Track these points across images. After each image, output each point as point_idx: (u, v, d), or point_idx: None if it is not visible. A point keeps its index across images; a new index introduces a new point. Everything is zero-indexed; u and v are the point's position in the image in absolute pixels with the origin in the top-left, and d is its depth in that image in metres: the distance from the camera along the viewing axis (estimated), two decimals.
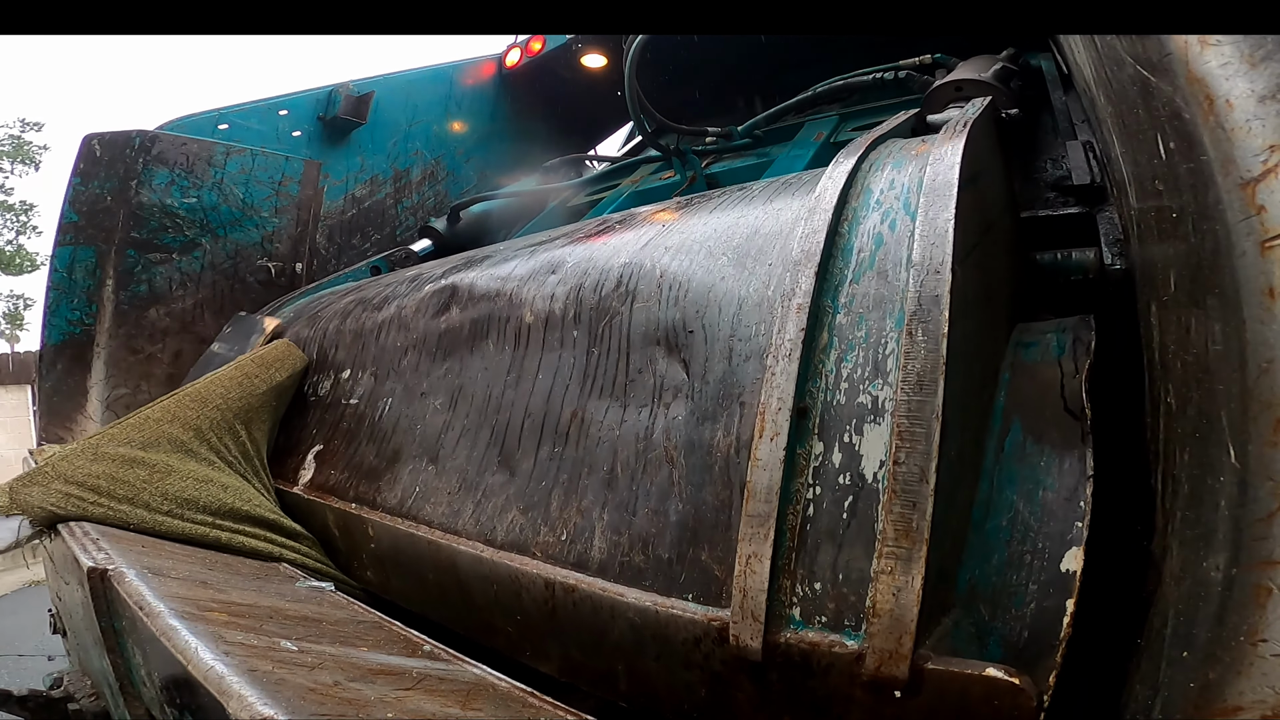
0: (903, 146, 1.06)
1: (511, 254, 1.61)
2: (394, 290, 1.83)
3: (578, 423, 1.10)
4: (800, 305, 0.80)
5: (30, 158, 17.86)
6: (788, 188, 1.20)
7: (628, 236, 1.30)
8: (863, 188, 0.97)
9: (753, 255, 1.02)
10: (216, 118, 2.57)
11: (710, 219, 1.19)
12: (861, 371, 0.76)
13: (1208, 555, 0.56)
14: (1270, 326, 0.51)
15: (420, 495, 1.32)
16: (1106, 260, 1.19)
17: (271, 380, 1.81)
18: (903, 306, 0.77)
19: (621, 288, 1.15)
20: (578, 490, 1.04)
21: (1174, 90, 0.60)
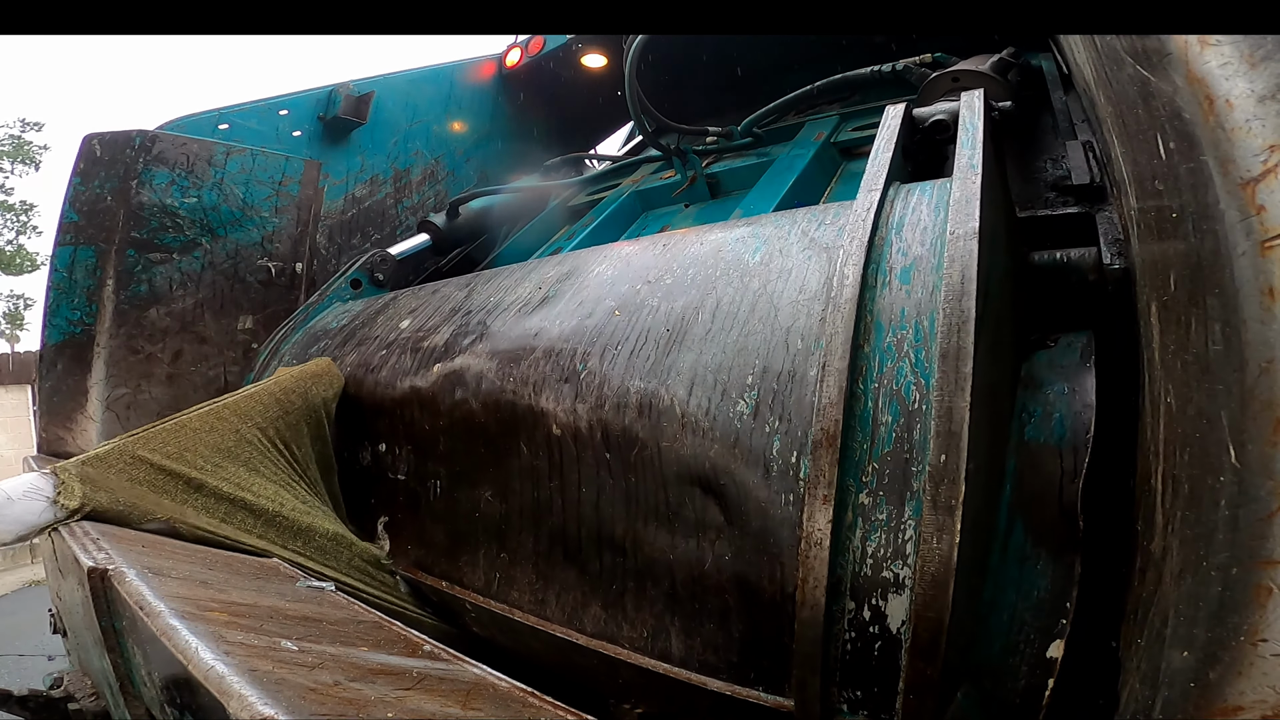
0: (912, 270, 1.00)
1: (502, 317, 1.61)
2: (400, 363, 1.79)
3: (631, 539, 1.22)
4: (826, 495, 0.90)
5: (30, 158, 17.86)
6: (802, 257, 1.20)
7: (633, 339, 1.29)
8: (873, 322, 0.97)
9: (770, 405, 1.05)
10: (217, 118, 2.57)
11: (718, 325, 1.19)
12: (884, 552, 0.88)
13: (1208, 555, 0.56)
14: (1270, 326, 0.51)
15: (503, 580, 1.46)
16: (1106, 260, 1.19)
17: (308, 394, 1.80)
18: (920, 496, 0.85)
19: (644, 417, 1.19)
20: (648, 597, 1.19)
21: (1174, 90, 0.60)
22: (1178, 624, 0.60)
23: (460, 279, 2.04)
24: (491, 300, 1.72)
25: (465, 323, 1.70)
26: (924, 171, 1.34)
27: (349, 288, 2.53)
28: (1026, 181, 1.66)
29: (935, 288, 0.94)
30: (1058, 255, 1.28)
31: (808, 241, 1.22)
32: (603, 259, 1.60)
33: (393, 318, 2.02)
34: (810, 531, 0.89)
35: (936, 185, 1.11)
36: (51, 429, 2.35)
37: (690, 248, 1.41)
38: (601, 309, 1.39)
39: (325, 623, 1.03)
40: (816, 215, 1.30)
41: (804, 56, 3.21)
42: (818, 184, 2.38)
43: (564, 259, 1.74)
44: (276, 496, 1.57)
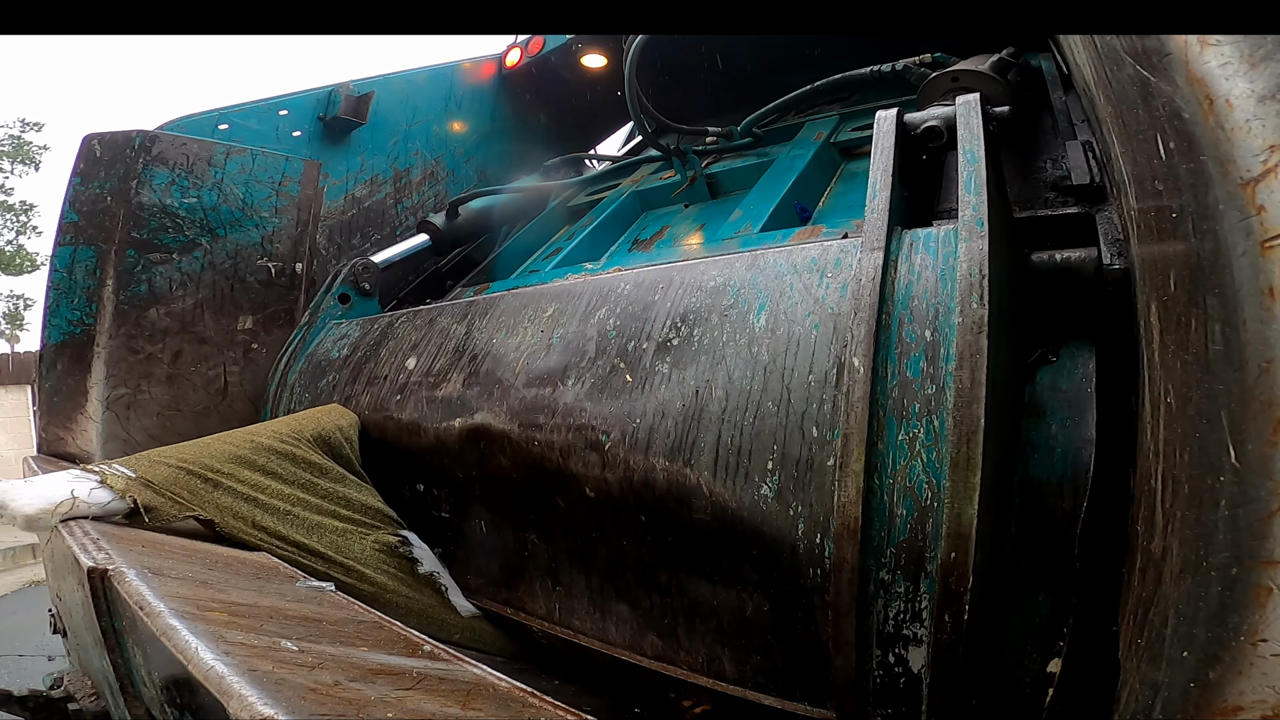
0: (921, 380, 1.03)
1: (510, 368, 1.64)
2: (420, 411, 1.82)
3: (676, 585, 1.33)
4: (850, 579, 1.00)
5: (30, 158, 17.84)
6: (807, 324, 1.20)
7: (650, 414, 1.35)
8: (885, 418, 1.02)
9: (792, 490, 1.14)
10: (216, 118, 2.57)
11: (732, 405, 1.23)
12: (904, 616, 1.00)
13: (1208, 555, 0.56)
14: (1270, 326, 0.51)
15: (563, 610, 1.58)
16: (1106, 260, 1.19)
17: (320, 420, 1.88)
18: (933, 577, 0.95)
19: (673, 493, 1.27)
20: (699, 631, 1.30)
21: (1174, 90, 0.60)
22: (1178, 624, 0.60)
23: (456, 307, 2.04)
24: (494, 344, 1.75)
25: (474, 370, 1.74)
26: (922, 182, 1.34)
27: (339, 303, 2.53)
28: (1026, 181, 1.65)
29: (945, 384, 0.98)
30: (1057, 256, 1.28)
31: (812, 303, 1.21)
32: (597, 297, 1.61)
33: (396, 352, 2.05)
34: (838, 604, 1.01)
35: (941, 238, 1.09)
36: (51, 429, 2.35)
37: (690, 296, 1.41)
38: (611, 369, 1.43)
39: (325, 623, 1.03)
40: (816, 262, 1.27)
41: (804, 57, 3.21)
42: (817, 184, 2.37)
43: (557, 291, 1.76)
44: (289, 495, 1.64)
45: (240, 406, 2.52)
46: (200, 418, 2.44)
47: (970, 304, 0.97)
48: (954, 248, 1.03)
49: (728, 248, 1.94)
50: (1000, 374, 1.01)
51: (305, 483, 1.70)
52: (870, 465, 0.99)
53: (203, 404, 2.45)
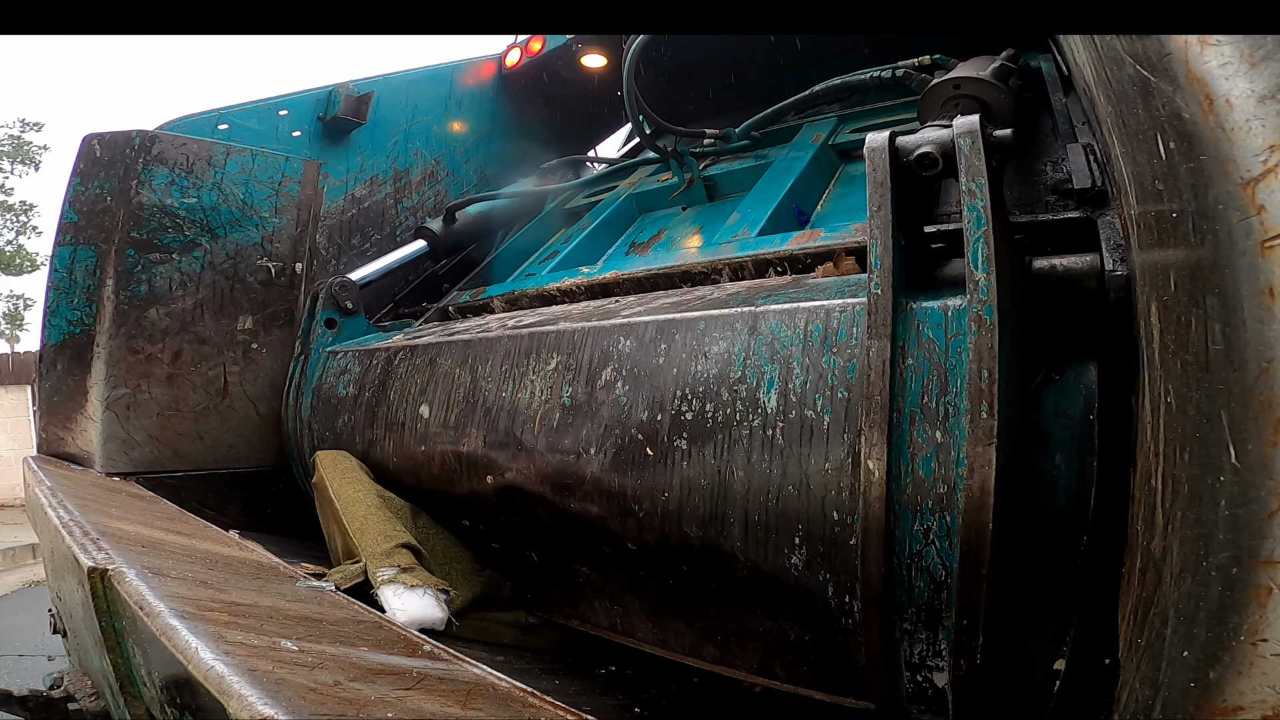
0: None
1: (528, 429, 1.68)
2: (447, 464, 1.89)
3: (725, 613, 1.47)
4: (876, 637, 1.15)
5: (30, 158, 17.83)
6: (819, 405, 1.24)
7: (678, 488, 1.43)
8: (901, 511, 1.10)
9: (820, 560, 1.23)
10: (216, 118, 2.56)
11: (755, 486, 1.31)
12: (927, 653, 1.16)
13: (1208, 555, 0.56)
14: (1270, 326, 0.51)
15: (625, 625, 1.72)
16: (1108, 267, 1.17)
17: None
18: (950, 630, 1.08)
19: (709, 554, 1.39)
20: (751, 647, 1.45)
21: (1174, 90, 0.60)
22: (1178, 624, 0.60)
23: (454, 346, 2.00)
24: (504, 397, 1.77)
25: (492, 426, 1.78)
26: (918, 206, 1.28)
27: (326, 329, 2.48)
28: (1025, 184, 1.64)
29: (956, 486, 1.04)
30: (1059, 265, 1.25)
31: (822, 383, 1.23)
32: (599, 354, 1.60)
33: (405, 396, 2.07)
34: (869, 648, 1.16)
35: (950, 320, 1.08)
36: (51, 429, 2.35)
37: (695, 364, 1.41)
38: (630, 440, 1.48)
39: (325, 623, 1.04)
40: (820, 331, 1.25)
41: (803, 57, 3.20)
42: (815, 187, 2.37)
43: (554, 339, 1.73)
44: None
45: (240, 406, 2.52)
46: (200, 418, 2.44)
47: (980, 414, 0.99)
48: (963, 336, 1.05)
49: (725, 252, 1.94)
50: (1009, 449, 1.04)
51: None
52: (889, 549, 1.08)
53: (203, 404, 2.45)
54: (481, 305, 2.55)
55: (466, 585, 1.81)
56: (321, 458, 2.16)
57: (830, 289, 1.43)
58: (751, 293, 1.58)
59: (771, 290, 1.56)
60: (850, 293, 1.33)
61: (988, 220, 1.02)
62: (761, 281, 1.77)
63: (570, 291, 2.24)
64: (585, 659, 1.82)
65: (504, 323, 2.03)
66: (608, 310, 1.82)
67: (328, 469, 2.08)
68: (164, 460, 2.37)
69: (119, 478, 2.24)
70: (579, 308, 2.02)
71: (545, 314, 2.05)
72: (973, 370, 1.01)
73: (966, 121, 1.09)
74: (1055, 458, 1.19)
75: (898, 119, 2.47)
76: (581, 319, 1.77)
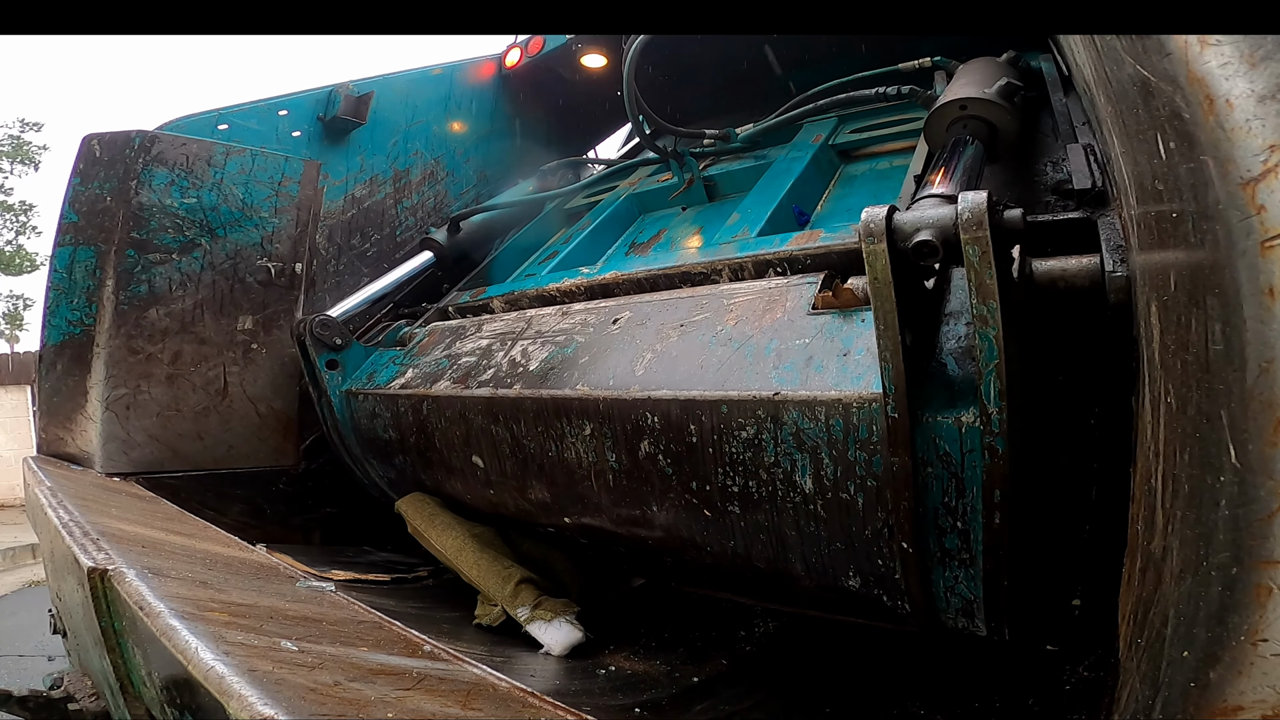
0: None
1: (583, 479, 1.77)
2: (523, 509, 2.04)
3: (791, 589, 1.65)
4: (922, 621, 1.46)
5: (30, 158, 17.83)
6: (852, 487, 1.35)
7: (739, 537, 1.58)
8: (935, 567, 1.33)
9: (871, 582, 1.48)
10: (216, 118, 2.56)
11: (808, 546, 1.48)
12: (963, 621, 1.41)
13: (1208, 555, 0.56)
14: (1270, 326, 0.51)
15: (711, 586, 2.01)
16: (1108, 267, 1.17)
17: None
18: (980, 621, 1.37)
19: (776, 576, 1.60)
20: (813, 601, 1.75)
21: (1174, 90, 0.60)
22: (1178, 624, 0.60)
23: (478, 402, 1.95)
24: (552, 456, 1.81)
25: (553, 481, 1.86)
26: (922, 311, 1.26)
27: (330, 370, 2.44)
28: (1026, 185, 1.65)
29: (977, 554, 1.24)
30: (1059, 266, 1.25)
31: (852, 474, 1.31)
32: (631, 427, 1.60)
33: (452, 445, 2.09)
34: (917, 624, 1.44)
35: (964, 437, 1.15)
36: (51, 429, 2.35)
37: (728, 444, 1.44)
38: (686, 503, 1.59)
39: (325, 623, 1.03)
40: (841, 426, 1.28)
41: (800, 57, 3.20)
42: (815, 187, 2.38)
43: (582, 406, 1.69)
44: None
45: (240, 406, 2.52)
46: (200, 418, 2.44)
47: (994, 520, 1.16)
48: (977, 451, 1.13)
49: (725, 253, 1.94)
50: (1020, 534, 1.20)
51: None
52: (928, 587, 1.33)
53: (203, 404, 2.45)
54: (481, 305, 2.54)
55: (576, 583, 2.10)
56: (404, 509, 2.30)
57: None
58: (753, 329, 1.56)
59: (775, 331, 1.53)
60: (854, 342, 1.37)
61: (1000, 353, 1.02)
62: (762, 288, 1.70)
63: (570, 292, 2.23)
64: (585, 659, 1.83)
65: (511, 356, 2.01)
66: (609, 337, 1.82)
67: (415, 520, 2.25)
68: (164, 460, 2.37)
69: (119, 478, 2.24)
70: (578, 317, 2.02)
71: (545, 329, 2.05)
72: (986, 488, 1.14)
73: (973, 210, 0.97)
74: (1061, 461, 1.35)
75: (897, 119, 2.49)
76: (588, 356, 1.79)
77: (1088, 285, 1.22)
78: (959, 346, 1.24)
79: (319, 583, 1.31)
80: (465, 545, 2.09)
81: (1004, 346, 1.01)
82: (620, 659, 1.82)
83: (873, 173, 2.44)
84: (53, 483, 1.81)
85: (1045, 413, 1.31)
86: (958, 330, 1.27)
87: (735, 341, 1.52)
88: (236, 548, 1.51)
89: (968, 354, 1.21)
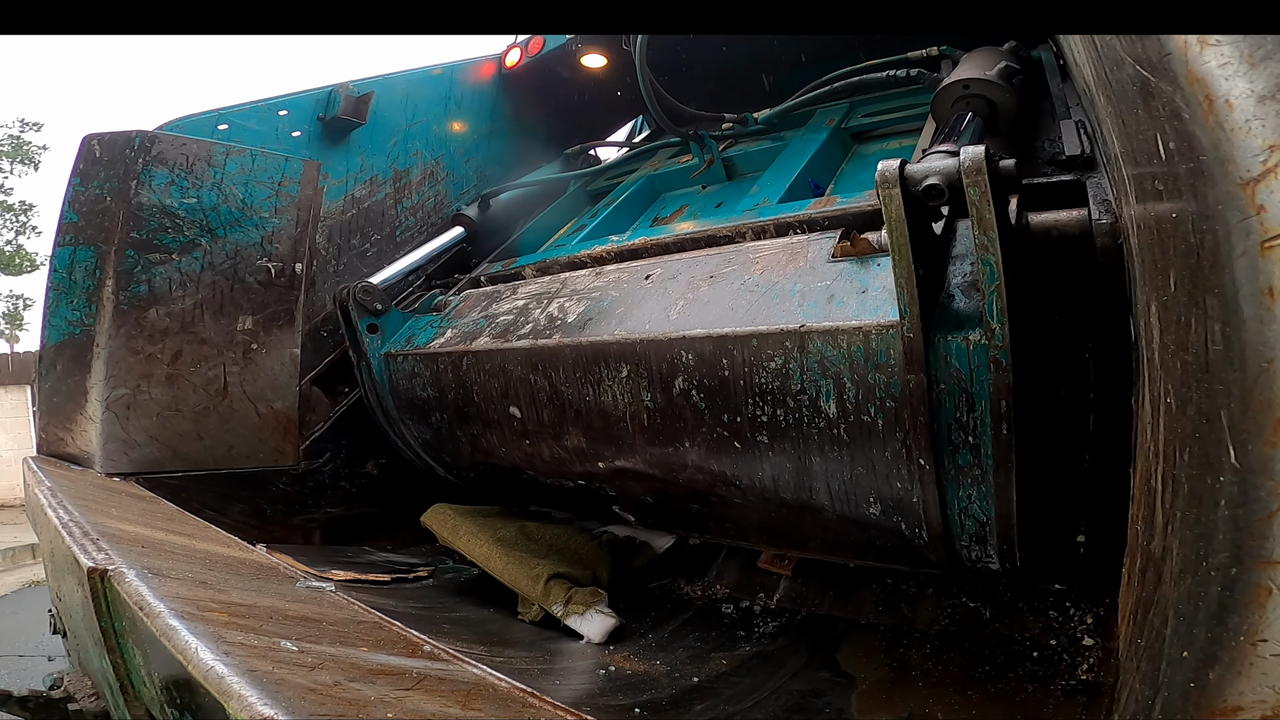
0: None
1: (619, 420, 1.85)
2: (559, 456, 2.11)
3: (820, 530, 1.75)
4: (939, 552, 1.58)
5: (30, 158, 17.81)
6: (874, 416, 1.47)
7: (768, 477, 1.71)
8: (950, 485, 1.46)
9: (890, 510, 1.58)
10: (216, 118, 2.56)
11: (832, 474, 1.60)
12: (979, 555, 1.56)
13: (1208, 555, 0.56)
14: (1270, 326, 0.51)
15: (737, 534, 2.06)
16: (1095, 217, 1.33)
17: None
18: (993, 548, 1.51)
19: (802, 508, 1.71)
20: (841, 545, 1.80)
21: (1174, 90, 0.60)
22: (1178, 624, 0.60)
23: (517, 353, 2.06)
24: (589, 401, 1.90)
25: (588, 425, 1.94)
26: (932, 250, 1.39)
27: (371, 334, 2.54)
28: (1025, 158, 1.76)
29: (987, 469, 1.35)
30: (1052, 218, 1.43)
31: (872, 397, 1.43)
32: (666, 364, 1.70)
33: (489, 399, 2.17)
34: (938, 561, 1.59)
35: (971, 353, 1.27)
36: (51, 429, 2.35)
37: (758, 376, 1.56)
38: (717, 436, 1.69)
39: (325, 623, 1.03)
40: (861, 352, 1.41)
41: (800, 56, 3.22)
42: (830, 164, 2.54)
43: (619, 350, 1.80)
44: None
45: (240, 406, 2.52)
46: (200, 418, 2.44)
47: (1002, 431, 1.27)
48: (984, 365, 1.25)
49: (747, 218, 2.06)
50: (1028, 442, 1.31)
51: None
52: (944, 507, 1.43)
53: (203, 404, 2.45)
54: (513, 274, 2.63)
55: (602, 564, 2.21)
56: (429, 523, 2.42)
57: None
58: (779, 274, 1.70)
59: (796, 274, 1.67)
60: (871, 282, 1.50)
61: (1000, 275, 1.16)
62: (785, 244, 1.84)
63: (600, 257, 2.32)
64: (585, 659, 1.83)
65: (548, 312, 2.10)
66: (641, 290, 1.92)
67: (442, 531, 2.37)
68: (164, 460, 2.37)
69: (119, 478, 2.24)
70: (611, 275, 2.11)
71: (580, 287, 2.14)
72: (994, 398, 1.25)
73: (972, 159, 1.13)
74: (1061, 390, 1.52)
75: (906, 104, 2.62)
76: (623, 308, 1.88)
77: (1078, 233, 1.37)
78: (965, 282, 1.36)
79: (319, 583, 1.31)
80: (492, 552, 2.19)
81: (1003, 271, 1.15)
82: (620, 659, 1.82)
83: (884, 153, 2.55)
84: (53, 483, 1.81)
85: (1044, 344, 1.43)
86: (963, 269, 1.39)
87: (762, 287, 1.64)
88: (236, 548, 1.51)
89: (973, 287, 1.32)
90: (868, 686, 1.60)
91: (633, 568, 2.28)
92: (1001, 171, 1.17)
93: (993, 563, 1.49)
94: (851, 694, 1.58)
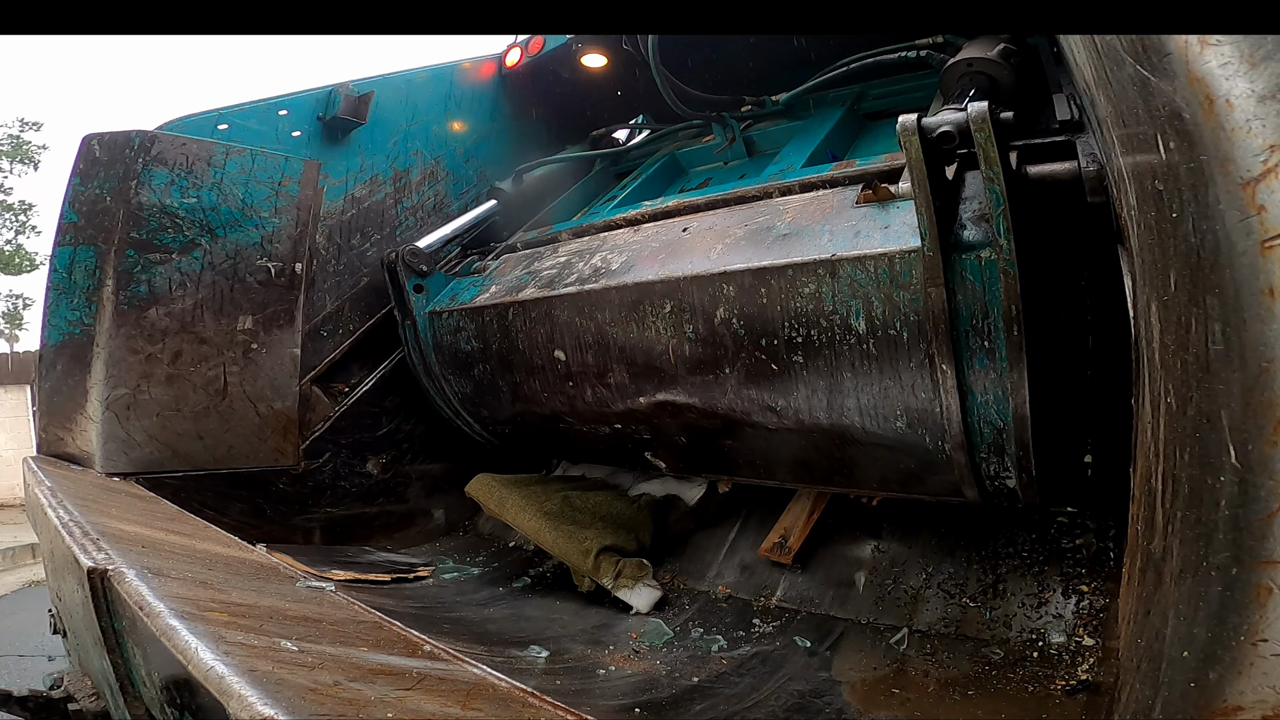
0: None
1: (661, 353, 2.01)
2: (602, 395, 2.26)
3: (851, 460, 1.94)
4: (963, 463, 1.72)
5: (30, 158, 17.80)
6: (904, 339, 1.66)
7: (804, 402, 1.88)
8: (969, 391, 1.64)
9: (916, 423, 1.74)
10: (216, 118, 2.56)
11: (861, 383, 1.76)
12: (998, 469, 1.73)
13: (1208, 555, 0.56)
14: (1270, 326, 0.51)
15: (765, 472, 2.20)
16: (1084, 166, 1.54)
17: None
18: (1011, 456, 1.68)
19: (834, 431, 1.89)
20: (873, 475, 1.97)
21: (1174, 90, 0.60)
22: (1178, 624, 0.60)
23: (563, 300, 2.21)
24: (633, 338, 2.07)
25: (631, 361, 2.10)
26: (946, 190, 1.55)
27: (417, 294, 2.69)
28: (1024, 125, 1.87)
29: (1003, 371, 1.53)
30: (1047, 169, 1.65)
31: (897, 312, 1.62)
32: (709, 297, 1.87)
33: (533, 346, 2.33)
34: (960, 476, 1.74)
35: (984, 267, 1.46)
36: (51, 429, 2.35)
37: (794, 301, 1.76)
38: (758, 364, 1.86)
39: (325, 623, 1.03)
40: (887, 274, 1.60)
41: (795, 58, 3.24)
42: (846, 138, 2.81)
43: (663, 289, 1.97)
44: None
45: (240, 406, 2.52)
46: (200, 418, 2.44)
47: (1013, 332, 1.46)
48: (994, 277, 1.45)
49: (773, 181, 2.24)
50: (1037, 348, 1.49)
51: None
52: (965, 414, 1.60)
53: (203, 404, 2.45)
54: (550, 239, 2.76)
55: (644, 527, 2.39)
56: (474, 492, 2.59)
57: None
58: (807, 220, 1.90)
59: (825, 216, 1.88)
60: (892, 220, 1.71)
61: (1005, 200, 1.39)
62: (811, 197, 2.05)
63: (634, 220, 2.46)
64: (585, 659, 1.83)
65: (592, 264, 2.25)
66: (680, 240, 2.09)
67: (488, 502, 2.53)
68: (164, 460, 2.37)
69: (119, 478, 2.24)
70: (648, 231, 2.28)
71: (619, 242, 2.29)
72: (1005, 304, 1.45)
73: (978, 110, 1.36)
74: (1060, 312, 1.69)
75: (914, 85, 2.79)
76: (664, 254, 2.04)
77: (1069, 179, 1.59)
78: (974, 215, 1.56)
79: (319, 583, 1.31)
80: (542, 526, 2.36)
81: (1008, 195, 1.37)
82: (620, 659, 1.82)
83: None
84: (53, 483, 1.81)
85: (1044, 267, 1.55)
86: (972, 206, 1.59)
87: (794, 230, 1.85)
88: (236, 548, 1.51)
89: (982, 219, 1.52)
90: (867, 686, 1.60)
91: (669, 524, 2.46)
92: (1003, 121, 1.39)
93: (1010, 478, 1.65)
94: (851, 694, 1.58)
